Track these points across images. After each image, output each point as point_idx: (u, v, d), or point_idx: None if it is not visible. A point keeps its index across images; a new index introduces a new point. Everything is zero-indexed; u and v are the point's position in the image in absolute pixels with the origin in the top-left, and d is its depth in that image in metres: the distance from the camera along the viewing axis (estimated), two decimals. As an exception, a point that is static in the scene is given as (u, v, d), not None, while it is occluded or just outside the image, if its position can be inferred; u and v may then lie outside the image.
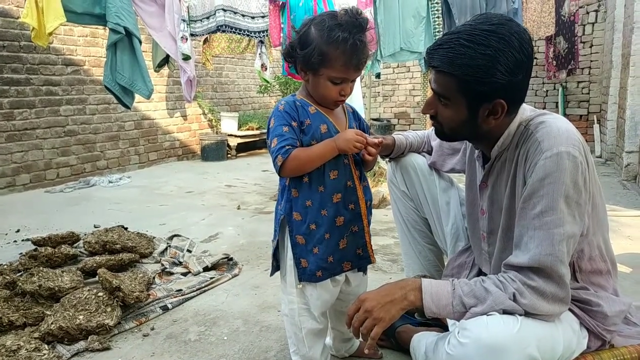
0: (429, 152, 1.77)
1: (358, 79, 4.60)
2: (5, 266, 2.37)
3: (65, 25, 3.96)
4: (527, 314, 1.12)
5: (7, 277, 2.11)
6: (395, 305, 1.19)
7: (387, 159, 1.83)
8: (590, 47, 6.68)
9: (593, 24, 6.62)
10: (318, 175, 1.32)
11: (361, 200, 1.39)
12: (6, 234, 3.20)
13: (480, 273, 1.50)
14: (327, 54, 1.25)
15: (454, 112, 1.22)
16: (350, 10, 1.27)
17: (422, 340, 1.33)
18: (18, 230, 3.28)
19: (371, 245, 1.43)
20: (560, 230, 1.11)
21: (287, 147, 1.26)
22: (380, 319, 1.17)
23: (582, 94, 6.87)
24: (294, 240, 1.34)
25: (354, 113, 1.48)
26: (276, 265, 1.44)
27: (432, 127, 1.80)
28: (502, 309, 1.12)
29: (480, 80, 1.13)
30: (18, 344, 1.61)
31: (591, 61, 6.72)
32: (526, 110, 1.27)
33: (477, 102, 1.18)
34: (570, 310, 1.20)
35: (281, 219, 1.37)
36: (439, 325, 1.61)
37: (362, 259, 1.43)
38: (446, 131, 1.30)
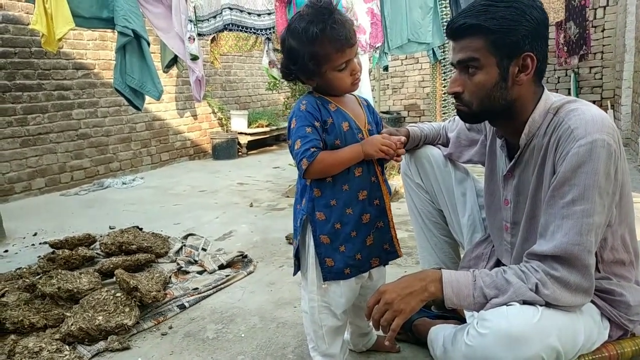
0: (444, 145, 1.75)
1: (367, 72, 4.52)
2: (24, 269, 2.41)
3: (74, 29, 3.99)
4: (547, 305, 1.11)
5: (27, 280, 2.14)
6: (415, 296, 1.18)
7: None
8: (602, 31, 6.56)
9: (604, 7, 6.50)
10: (342, 174, 1.31)
11: (385, 195, 1.38)
12: (24, 238, 3.25)
13: (498, 264, 1.48)
14: (317, 52, 1.24)
15: (484, 75, 1.19)
16: (311, 1, 1.27)
17: (439, 332, 1.32)
18: (35, 234, 3.33)
19: (397, 240, 1.43)
20: (590, 220, 1.08)
21: (313, 150, 1.25)
22: (401, 310, 1.17)
23: (595, 79, 6.76)
24: (318, 240, 1.33)
25: (368, 106, 1.47)
26: (298, 265, 1.43)
27: (448, 120, 1.79)
28: (523, 299, 1.11)
29: (508, 29, 1.14)
30: (40, 346, 1.64)
31: (603, 45, 6.60)
32: (551, 96, 1.25)
33: (507, 57, 1.17)
34: (591, 301, 1.18)
35: (303, 219, 1.35)
36: (456, 317, 1.60)
37: (389, 254, 1.42)
38: (475, 107, 1.24)
